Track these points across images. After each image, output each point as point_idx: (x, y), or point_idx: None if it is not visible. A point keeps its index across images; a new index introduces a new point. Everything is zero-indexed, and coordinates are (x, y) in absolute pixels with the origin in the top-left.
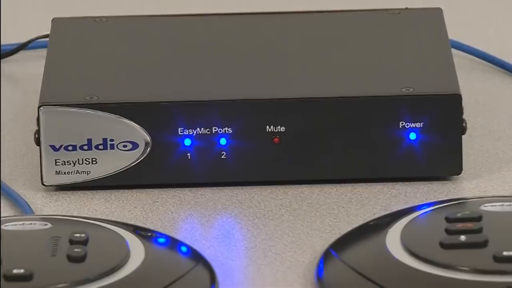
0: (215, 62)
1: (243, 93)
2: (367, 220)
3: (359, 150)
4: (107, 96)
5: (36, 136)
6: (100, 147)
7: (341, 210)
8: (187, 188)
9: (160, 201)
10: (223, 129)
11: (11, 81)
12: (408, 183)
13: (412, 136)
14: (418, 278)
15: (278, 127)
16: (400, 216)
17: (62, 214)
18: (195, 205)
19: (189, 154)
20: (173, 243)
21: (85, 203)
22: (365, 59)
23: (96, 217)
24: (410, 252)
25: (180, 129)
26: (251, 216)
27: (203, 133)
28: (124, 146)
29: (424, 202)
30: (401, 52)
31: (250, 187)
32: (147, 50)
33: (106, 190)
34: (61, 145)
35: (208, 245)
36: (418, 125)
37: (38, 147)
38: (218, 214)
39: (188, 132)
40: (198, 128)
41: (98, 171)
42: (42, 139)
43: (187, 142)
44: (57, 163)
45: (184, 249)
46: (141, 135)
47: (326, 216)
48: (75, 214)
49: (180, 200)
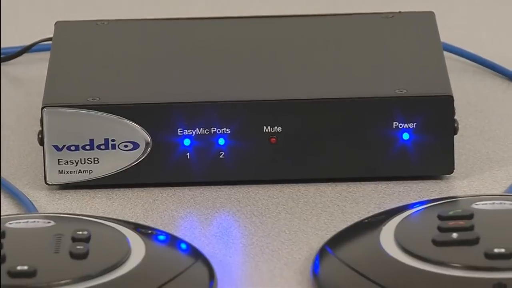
0: (214, 64)
1: (241, 95)
2: (362, 218)
3: (354, 150)
4: (109, 98)
5: (40, 137)
6: (102, 147)
7: (336, 208)
8: (187, 187)
9: (160, 200)
10: (222, 130)
11: (16, 83)
12: (402, 182)
13: (406, 136)
14: (411, 275)
15: (275, 128)
16: (394, 214)
17: (65, 212)
18: (194, 204)
19: (189, 154)
20: (173, 241)
21: (87, 202)
22: (360, 62)
23: (98, 215)
24: (404, 249)
25: (180, 130)
26: (249, 214)
27: (202, 133)
28: (125, 146)
29: (417, 201)
30: (395, 55)
31: (248, 186)
32: (147, 53)
33: (108, 189)
34: (64, 145)
35: (207, 242)
36: (411, 126)
37: (42, 147)
38: (217, 212)
39: (188, 133)
40: (197, 129)
41: (100, 171)
42: (46, 139)
43: (187, 142)
44: (60, 163)
45: (184, 246)
46: (142, 136)
47: (322, 214)
48: (78, 212)
49: (180, 199)
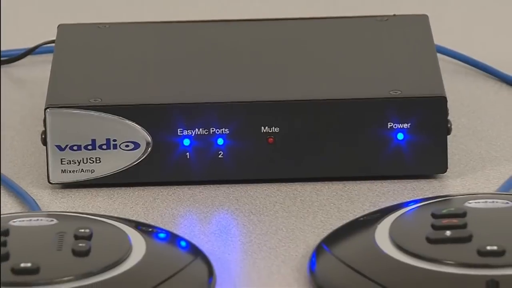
0: (213, 66)
1: (240, 96)
2: (357, 216)
3: (349, 150)
4: (110, 99)
5: (43, 137)
6: (104, 147)
7: (333, 207)
8: (186, 186)
9: (161, 198)
10: (220, 130)
11: (19, 85)
12: (396, 181)
13: (400, 136)
14: (406, 271)
15: (273, 128)
16: (389, 212)
17: (68, 211)
18: (194, 202)
19: (188, 154)
20: (173, 238)
21: (89, 200)
22: (355, 63)
23: (100, 214)
24: (398, 247)
25: (180, 130)
26: (247, 213)
27: (201, 134)
28: (126, 146)
29: (411, 199)
30: (389, 57)
31: (246, 185)
32: (148, 55)
33: (109, 188)
34: (67, 145)
35: (206, 240)
36: (406, 126)
37: (45, 147)
38: (216, 211)
39: (187, 133)
40: (197, 129)
41: (102, 170)
42: (49, 140)
43: (186, 142)
44: (63, 162)
45: (183, 244)
46: (143, 136)
47: (318, 213)
48: (80, 211)
49: (180, 197)
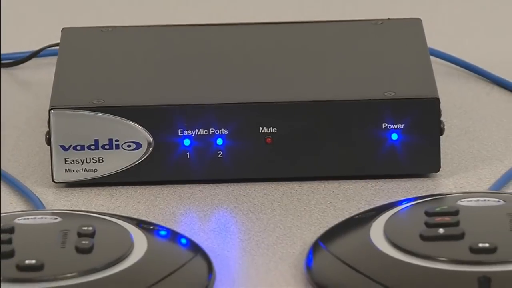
0: (213, 69)
1: (239, 97)
2: (353, 214)
3: (345, 150)
4: (113, 100)
5: (47, 137)
6: (106, 147)
7: (329, 205)
8: (186, 185)
9: (162, 197)
10: (220, 130)
11: (24, 87)
12: (391, 180)
13: (394, 137)
14: (400, 268)
15: (271, 129)
16: (383, 211)
17: (71, 209)
18: (194, 201)
19: (188, 154)
20: (174, 236)
21: (92, 199)
22: (351, 66)
23: (102, 212)
24: (393, 244)
25: (180, 130)
26: (246, 211)
27: (201, 134)
28: (128, 146)
29: (405, 198)
30: (384, 59)
31: (245, 184)
32: (150, 58)
33: (112, 187)
34: (70, 145)
35: (206, 238)
36: (400, 127)
37: (49, 147)
38: (215, 209)
39: (188, 133)
40: (197, 129)
41: (104, 169)
42: (53, 140)
43: (187, 142)
44: (67, 162)
45: (184, 241)
46: (144, 136)
47: (315, 211)
48: (83, 209)
49: (180, 196)
